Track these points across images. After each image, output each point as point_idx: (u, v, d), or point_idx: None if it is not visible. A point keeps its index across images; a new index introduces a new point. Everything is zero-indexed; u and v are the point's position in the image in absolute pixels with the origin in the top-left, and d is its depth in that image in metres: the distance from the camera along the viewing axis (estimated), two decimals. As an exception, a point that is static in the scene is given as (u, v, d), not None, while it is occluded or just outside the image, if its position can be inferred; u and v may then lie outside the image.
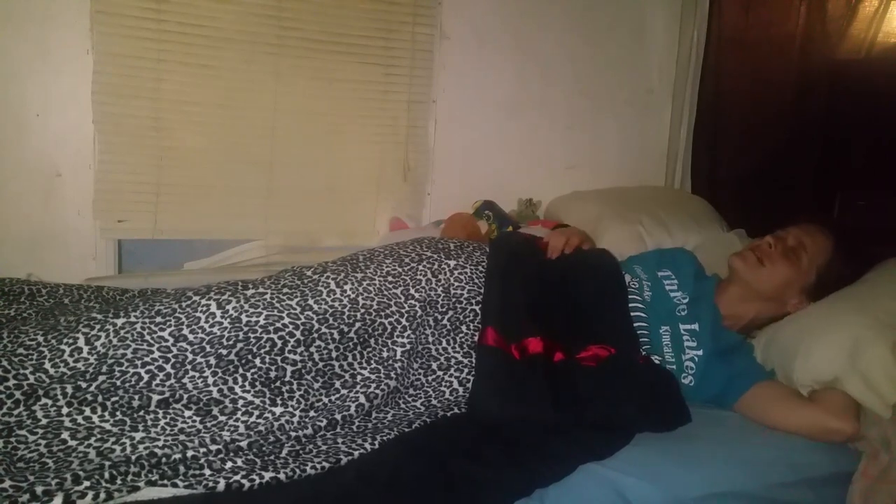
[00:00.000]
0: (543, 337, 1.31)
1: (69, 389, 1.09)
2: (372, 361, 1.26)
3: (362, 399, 1.20)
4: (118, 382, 1.11)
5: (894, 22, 2.44)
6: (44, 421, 1.05)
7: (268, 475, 1.01)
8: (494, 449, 1.13)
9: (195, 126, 2.15)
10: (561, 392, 1.23)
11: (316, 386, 1.21)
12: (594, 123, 2.65)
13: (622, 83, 2.66)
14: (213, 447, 1.06)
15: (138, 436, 1.06)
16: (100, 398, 1.09)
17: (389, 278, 1.37)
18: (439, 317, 1.36)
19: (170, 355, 1.15)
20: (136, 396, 1.11)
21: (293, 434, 1.13)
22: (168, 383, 1.13)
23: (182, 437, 1.07)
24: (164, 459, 1.01)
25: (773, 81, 2.66)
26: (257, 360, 1.19)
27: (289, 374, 1.20)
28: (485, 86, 2.47)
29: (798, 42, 2.58)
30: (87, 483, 0.92)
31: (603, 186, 2.57)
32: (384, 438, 1.13)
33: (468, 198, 2.32)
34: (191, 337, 1.17)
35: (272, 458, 1.07)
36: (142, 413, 1.10)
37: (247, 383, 1.16)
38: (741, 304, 1.50)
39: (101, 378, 1.11)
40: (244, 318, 1.20)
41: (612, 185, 2.60)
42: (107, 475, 0.95)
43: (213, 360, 1.16)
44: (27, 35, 1.96)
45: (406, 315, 1.32)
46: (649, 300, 1.48)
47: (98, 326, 1.16)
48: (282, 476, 1.02)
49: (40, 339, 1.14)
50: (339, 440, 1.12)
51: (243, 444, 1.08)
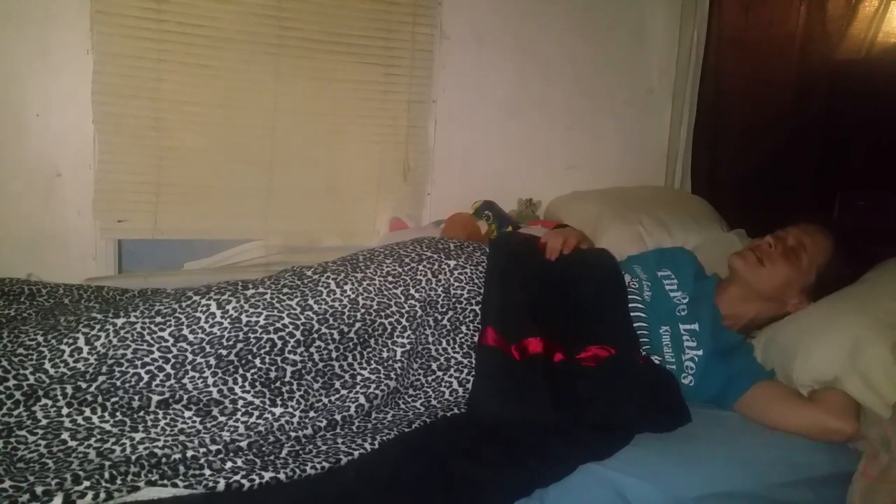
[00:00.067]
0: (543, 337, 1.31)
1: (69, 390, 1.09)
2: (372, 362, 1.26)
3: (362, 399, 1.20)
4: (118, 383, 1.11)
5: (894, 22, 2.44)
6: (44, 421, 1.05)
7: (268, 475, 1.01)
8: (494, 449, 1.13)
9: (195, 126, 2.15)
10: (561, 392, 1.23)
11: (316, 386, 1.21)
12: (594, 123, 2.65)
13: (622, 83, 2.67)
14: (213, 447, 1.06)
15: (138, 436, 1.06)
16: (100, 399, 1.09)
17: (389, 278, 1.37)
18: (439, 317, 1.36)
19: (170, 356, 1.15)
20: (136, 397, 1.11)
21: (293, 434, 1.12)
22: (168, 384, 1.13)
23: (182, 437, 1.07)
24: (164, 459, 1.01)
25: (773, 81, 2.66)
26: (257, 361, 1.19)
27: (289, 374, 1.20)
28: (485, 86, 2.47)
29: (798, 42, 2.58)
30: (87, 483, 0.92)
31: (603, 186, 2.57)
32: (384, 438, 1.13)
33: (468, 198, 2.32)
34: (191, 337, 1.17)
35: (272, 458, 1.07)
36: (142, 413, 1.10)
37: (247, 384, 1.16)
38: (741, 303, 1.50)
39: (101, 378, 1.11)
40: (244, 319, 1.20)
41: (612, 185, 2.60)
42: (107, 475, 0.95)
43: (213, 361, 1.16)
44: (27, 35, 1.96)
45: (406, 315, 1.32)
46: (649, 300, 1.48)
47: (98, 326, 1.16)
48: (282, 476, 1.02)
49: (40, 339, 1.14)
50: (339, 440, 1.12)
51: (243, 444, 1.08)
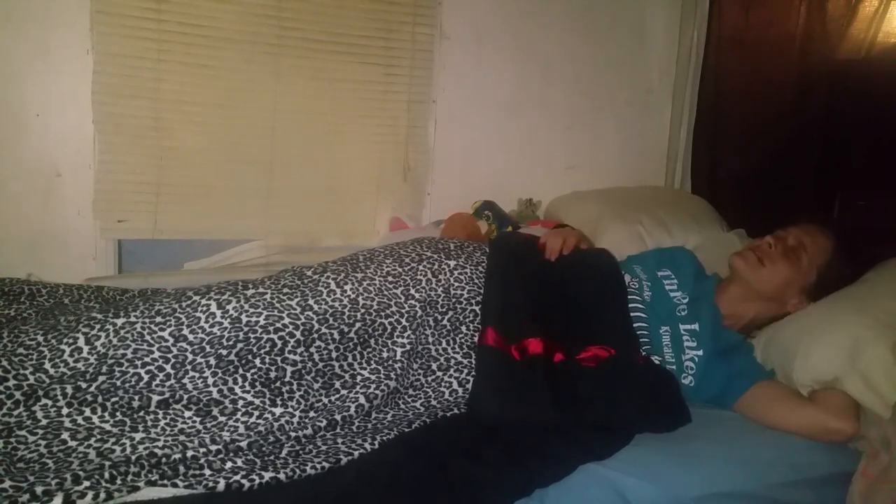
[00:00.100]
0: (543, 337, 1.31)
1: (69, 390, 1.09)
2: (372, 362, 1.26)
3: (362, 399, 1.20)
4: (118, 383, 1.11)
5: (894, 22, 2.44)
6: (44, 421, 1.05)
7: (268, 475, 1.01)
8: (494, 449, 1.13)
9: (195, 126, 2.15)
10: (561, 393, 1.22)
11: (316, 386, 1.21)
12: (594, 123, 2.65)
13: (622, 83, 2.67)
14: (213, 447, 1.06)
15: (138, 436, 1.06)
16: (100, 398, 1.09)
17: (390, 278, 1.37)
18: (439, 317, 1.36)
19: (170, 355, 1.15)
20: (136, 397, 1.11)
21: (293, 434, 1.12)
22: (168, 384, 1.13)
23: (182, 437, 1.07)
24: (164, 459, 1.01)
25: (773, 81, 2.66)
26: (257, 361, 1.18)
27: (289, 374, 1.20)
28: (485, 86, 2.47)
29: (798, 42, 2.58)
30: (87, 483, 0.92)
31: (603, 186, 2.57)
32: (384, 438, 1.13)
33: (468, 198, 2.32)
34: (191, 337, 1.17)
35: (272, 458, 1.07)
36: (142, 413, 1.10)
37: (247, 384, 1.16)
38: (741, 303, 1.50)
39: (101, 378, 1.11)
40: (244, 319, 1.20)
41: (612, 185, 2.60)
42: (107, 475, 0.95)
43: (213, 361, 1.16)
44: (27, 35, 1.96)
45: (406, 315, 1.32)
46: (649, 300, 1.48)
47: (98, 326, 1.16)
48: (282, 476, 1.02)
49: (40, 338, 1.14)
50: (339, 440, 1.12)
51: (243, 444, 1.08)
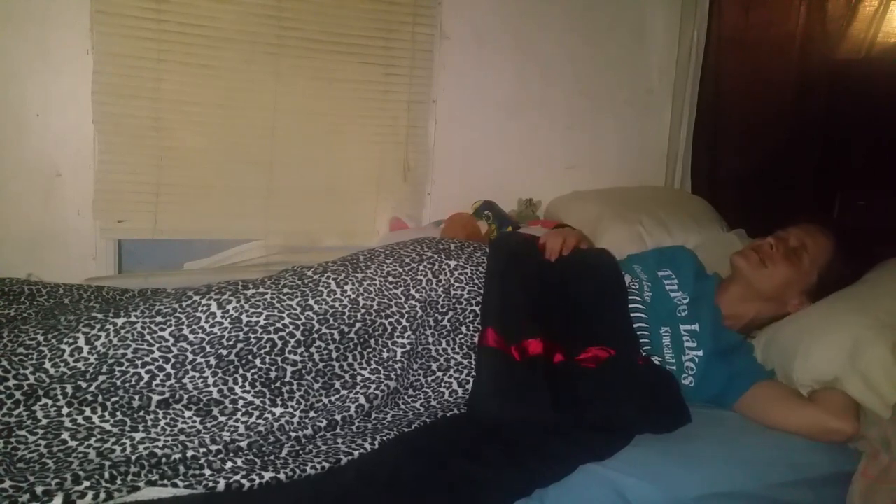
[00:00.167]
0: (543, 338, 1.31)
1: (69, 389, 1.09)
2: (372, 362, 1.26)
3: (362, 400, 1.20)
4: (118, 382, 1.11)
5: (894, 22, 2.44)
6: (44, 421, 1.05)
7: (268, 475, 1.01)
8: (494, 449, 1.13)
9: (195, 126, 2.15)
10: (561, 393, 1.22)
11: (316, 386, 1.21)
12: (594, 123, 2.65)
13: (622, 83, 2.67)
14: (213, 447, 1.06)
15: (138, 436, 1.06)
16: (100, 398, 1.09)
17: (390, 279, 1.36)
18: (439, 317, 1.36)
19: (170, 355, 1.15)
20: (137, 397, 1.11)
21: (293, 435, 1.12)
22: (168, 383, 1.13)
23: (182, 437, 1.07)
24: (164, 459, 1.01)
25: (773, 81, 2.66)
26: (257, 361, 1.18)
27: (289, 374, 1.20)
28: (485, 86, 2.47)
29: (798, 42, 2.58)
30: (87, 483, 0.92)
31: (603, 186, 2.57)
32: (384, 438, 1.13)
33: (468, 198, 2.32)
34: (191, 337, 1.17)
35: (272, 458, 1.07)
36: (142, 413, 1.10)
37: (247, 384, 1.16)
38: (742, 303, 1.50)
39: (101, 378, 1.11)
40: (244, 319, 1.20)
41: (612, 185, 2.60)
42: (107, 475, 0.95)
43: (213, 361, 1.16)
44: (27, 35, 1.96)
45: (406, 315, 1.32)
46: (649, 301, 1.48)
47: (98, 326, 1.16)
48: (282, 476, 1.02)
49: (40, 338, 1.14)
50: (339, 440, 1.12)
51: (243, 444, 1.08)
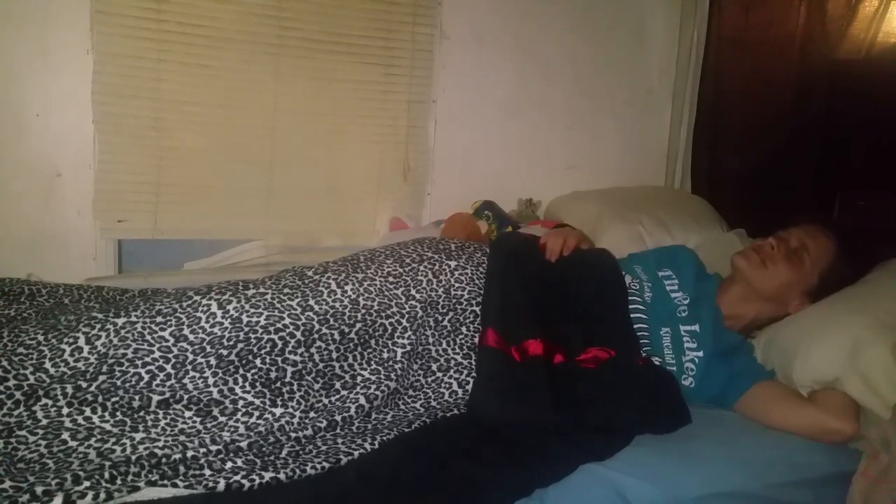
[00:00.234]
0: (543, 339, 1.30)
1: (69, 389, 1.09)
2: (372, 362, 1.26)
3: (362, 400, 1.20)
4: (118, 382, 1.11)
5: (894, 22, 2.44)
6: (44, 421, 1.05)
7: (268, 475, 1.01)
8: (494, 449, 1.13)
9: (195, 126, 2.15)
10: (561, 394, 1.22)
11: (316, 387, 1.21)
12: (594, 123, 2.65)
13: (622, 83, 2.67)
14: (213, 447, 1.06)
15: (138, 436, 1.06)
16: (100, 398, 1.09)
17: (390, 279, 1.36)
18: (440, 318, 1.36)
19: (170, 355, 1.15)
20: (137, 397, 1.11)
21: (293, 435, 1.12)
22: (168, 384, 1.13)
23: (182, 437, 1.07)
24: (164, 460, 1.01)
25: (773, 81, 2.66)
26: (258, 361, 1.18)
27: (289, 374, 1.19)
28: (485, 86, 2.47)
29: (798, 42, 2.58)
30: (87, 483, 0.92)
31: (603, 186, 2.57)
32: (384, 438, 1.13)
33: (468, 198, 2.32)
34: (191, 337, 1.17)
35: (272, 458, 1.07)
36: (142, 413, 1.10)
37: (247, 384, 1.16)
38: (742, 304, 1.50)
39: (101, 378, 1.11)
40: (245, 319, 1.20)
41: (612, 185, 2.60)
42: (107, 475, 0.95)
43: (213, 361, 1.16)
44: (27, 35, 1.96)
45: (407, 316, 1.32)
46: (650, 301, 1.48)
47: (99, 326, 1.16)
48: (282, 476, 1.02)
49: (40, 338, 1.14)
50: (339, 440, 1.12)
51: (243, 444, 1.08)
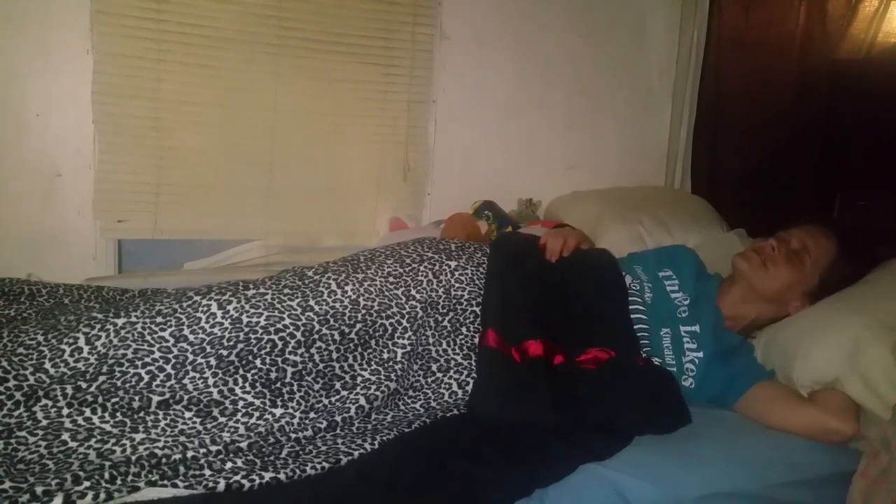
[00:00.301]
0: (544, 339, 1.30)
1: (69, 390, 1.09)
2: (372, 363, 1.26)
3: (362, 401, 1.20)
4: (118, 383, 1.11)
5: (894, 22, 2.44)
6: (44, 422, 1.05)
7: (268, 475, 1.01)
8: (494, 449, 1.13)
9: (195, 126, 2.15)
10: (561, 395, 1.22)
11: (316, 387, 1.20)
12: (594, 123, 2.65)
13: (622, 83, 2.67)
14: (213, 448, 1.06)
15: (138, 437, 1.06)
16: (100, 399, 1.09)
17: (391, 279, 1.36)
18: (440, 318, 1.36)
19: (170, 356, 1.15)
20: (137, 397, 1.11)
21: (293, 436, 1.12)
22: (168, 384, 1.13)
23: (182, 438, 1.07)
24: (164, 460, 1.01)
25: (773, 81, 2.66)
26: (258, 361, 1.18)
27: (289, 375, 1.19)
28: (485, 86, 2.47)
29: (798, 42, 2.58)
30: (87, 483, 0.92)
31: (603, 186, 2.57)
32: (384, 439, 1.13)
33: (468, 198, 2.32)
34: (191, 337, 1.17)
35: (272, 458, 1.07)
36: (142, 414, 1.10)
37: (247, 384, 1.16)
38: (743, 304, 1.50)
39: (101, 378, 1.11)
40: (245, 319, 1.20)
41: (612, 185, 2.60)
42: (107, 475, 0.95)
43: (213, 361, 1.16)
44: (27, 35, 1.96)
45: (407, 316, 1.32)
46: (650, 302, 1.48)
47: (98, 326, 1.16)
48: (282, 476, 1.02)
49: (40, 338, 1.14)
50: (339, 441, 1.12)
51: (243, 445, 1.08)
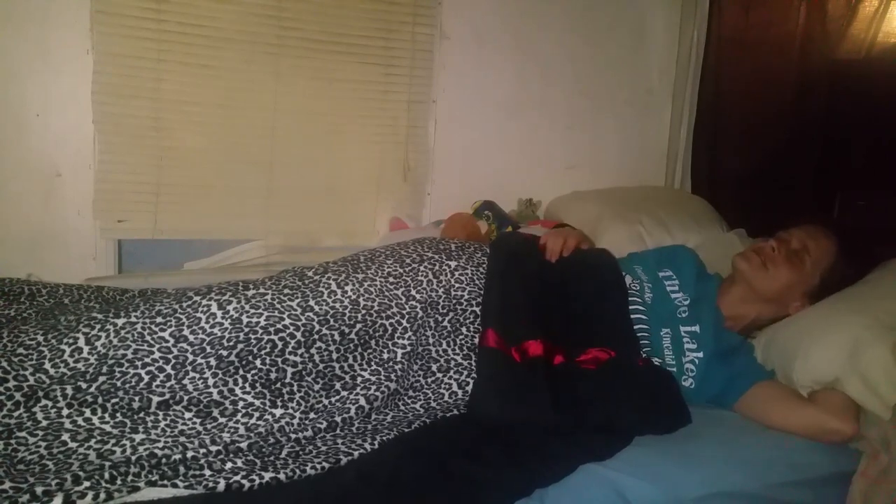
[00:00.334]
0: (544, 339, 1.30)
1: (69, 391, 1.09)
2: (372, 363, 1.26)
3: (362, 401, 1.20)
4: (118, 383, 1.11)
5: (894, 22, 2.44)
6: (44, 423, 1.05)
7: (268, 475, 1.01)
8: (494, 449, 1.13)
9: (195, 126, 2.15)
10: (561, 395, 1.22)
11: (316, 388, 1.20)
12: (594, 123, 2.65)
13: (622, 83, 2.67)
14: (213, 448, 1.06)
15: (138, 437, 1.06)
16: (100, 399, 1.09)
17: (391, 279, 1.36)
18: (440, 318, 1.36)
19: (170, 356, 1.15)
20: (137, 398, 1.11)
21: (293, 436, 1.12)
22: (168, 384, 1.13)
23: (182, 438, 1.07)
24: (164, 460, 1.01)
25: (773, 81, 2.66)
26: (258, 362, 1.18)
27: (289, 375, 1.19)
28: (485, 86, 2.47)
29: (798, 42, 2.58)
30: (87, 483, 0.92)
31: (603, 186, 2.57)
32: (384, 439, 1.13)
33: (468, 198, 2.32)
34: (191, 338, 1.17)
35: (272, 458, 1.07)
36: (142, 415, 1.10)
37: (247, 385, 1.16)
38: (743, 305, 1.50)
39: (101, 379, 1.11)
40: (245, 319, 1.20)
41: (612, 185, 2.60)
42: (107, 475, 0.95)
43: (213, 362, 1.16)
44: (27, 35, 1.96)
45: (407, 316, 1.32)
46: (650, 302, 1.48)
47: (98, 326, 1.15)
48: (282, 476, 1.02)
49: (40, 338, 1.14)
50: (339, 441, 1.12)
51: (243, 445, 1.08)
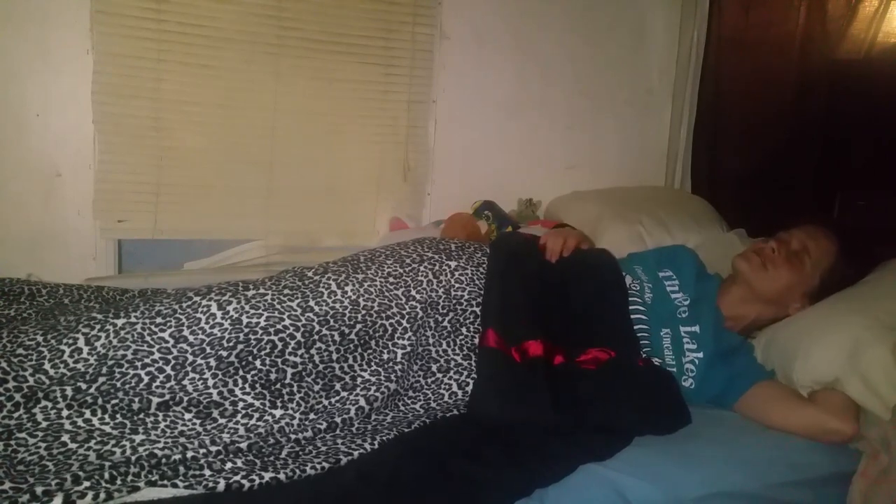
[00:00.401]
0: (544, 339, 1.30)
1: (69, 391, 1.09)
2: (372, 363, 1.26)
3: (362, 402, 1.20)
4: (118, 384, 1.11)
5: (894, 22, 2.44)
6: (44, 423, 1.05)
7: (268, 475, 1.01)
8: (494, 449, 1.13)
9: (195, 126, 2.15)
10: (561, 395, 1.22)
11: (316, 388, 1.20)
12: (594, 123, 2.65)
13: (622, 83, 2.67)
14: (213, 448, 1.06)
15: (138, 438, 1.06)
16: (100, 400, 1.09)
17: (391, 279, 1.36)
18: (440, 318, 1.36)
19: (170, 357, 1.15)
20: (137, 399, 1.11)
21: (293, 437, 1.12)
22: (168, 385, 1.13)
23: (182, 439, 1.07)
24: (163, 460, 1.01)
25: (773, 81, 2.66)
26: (258, 362, 1.18)
27: (289, 376, 1.19)
28: (485, 86, 2.47)
29: (798, 42, 2.58)
30: (87, 483, 0.92)
31: (603, 186, 2.57)
32: (384, 439, 1.13)
33: (468, 198, 2.32)
34: (191, 338, 1.17)
35: (272, 458, 1.07)
36: (142, 416, 1.10)
37: (247, 385, 1.16)
38: (743, 305, 1.50)
39: (100, 379, 1.11)
40: (245, 320, 1.20)
41: (612, 185, 2.60)
42: (107, 475, 0.95)
43: (213, 362, 1.16)
44: (27, 35, 1.96)
45: (407, 317, 1.32)
46: (650, 302, 1.48)
47: (98, 327, 1.15)
48: (282, 476, 1.02)
49: (40, 338, 1.14)
50: (339, 441, 1.12)
51: (243, 445, 1.08)
